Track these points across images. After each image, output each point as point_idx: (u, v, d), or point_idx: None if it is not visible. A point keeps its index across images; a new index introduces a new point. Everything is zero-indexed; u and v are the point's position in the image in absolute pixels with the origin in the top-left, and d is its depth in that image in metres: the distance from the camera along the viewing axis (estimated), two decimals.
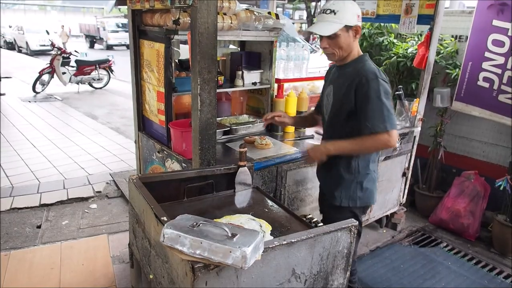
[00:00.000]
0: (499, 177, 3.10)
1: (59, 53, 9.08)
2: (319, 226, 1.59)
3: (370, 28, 3.90)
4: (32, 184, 3.96)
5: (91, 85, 9.82)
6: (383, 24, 3.87)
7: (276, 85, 3.03)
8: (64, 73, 9.11)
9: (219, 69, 2.81)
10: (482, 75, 3.14)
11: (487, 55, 3.08)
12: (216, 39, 2.00)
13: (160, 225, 1.39)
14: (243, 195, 1.96)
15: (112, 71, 9.99)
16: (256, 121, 2.94)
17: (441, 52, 3.50)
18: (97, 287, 2.49)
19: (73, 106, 7.90)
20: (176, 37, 2.47)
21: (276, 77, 3.05)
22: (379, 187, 2.37)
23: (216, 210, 1.79)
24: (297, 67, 3.17)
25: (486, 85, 3.13)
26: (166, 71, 2.48)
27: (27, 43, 18.88)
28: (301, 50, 3.15)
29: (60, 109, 7.54)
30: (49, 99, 8.45)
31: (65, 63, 9.26)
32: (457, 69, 3.35)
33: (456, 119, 3.55)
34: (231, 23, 2.52)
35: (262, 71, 3.07)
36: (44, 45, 17.70)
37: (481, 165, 3.48)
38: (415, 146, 3.22)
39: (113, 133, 6.00)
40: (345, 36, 1.80)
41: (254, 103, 3.26)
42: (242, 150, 1.94)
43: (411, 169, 3.31)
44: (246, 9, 2.65)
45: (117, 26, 22.43)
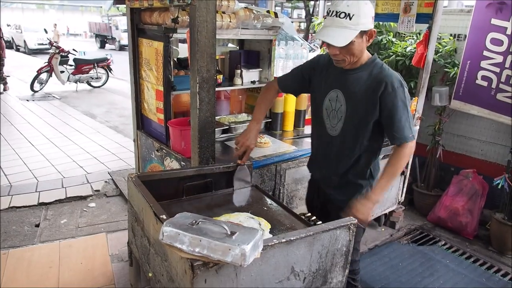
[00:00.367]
0: (497, 176, 3.10)
1: (57, 51, 9.04)
2: (318, 224, 1.59)
3: None
4: (30, 182, 3.95)
5: (89, 84, 9.79)
6: (381, 22, 3.87)
7: None
8: (62, 72, 9.07)
9: (218, 68, 2.81)
10: (480, 73, 3.14)
11: (485, 53, 3.09)
12: (215, 37, 2.00)
13: (159, 223, 1.39)
14: (242, 194, 1.96)
15: (110, 69, 9.95)
16: None
17: (440, 51, 3.50)
18: (96, 286, 2.49)
19: (72, 105, 7.88)
20: (175, 36, 2.47)
21: (275, 75, 3.05)
22: None
23: (215, 208, 1.79)
24: (296, 65, 3.16)
25: (484, 83, 3.14)
26: (165, 69, 2.48)
27: (25, 41, 18.81)
28: (299, 48, 3.17)
29: (58, 108, 7.52)
30: (47, 98, 8.42)
31: (64, 61, 9.22)
32: (456, 68, 3.36)
33: (454, 118, 3.56)
34: (230, 21, 2.52)
35: (261, 69, 3.08)
36: (42, 44, 17.65)
37: (479, 164, 3.49)
38: None
39: (112, 132, 5.99)
40: (359, 42, 1.61)
41: (253, 102, 3.26)
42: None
43: (409, 167, 3.32)
44: (245, 8, 2.65)
45: None
